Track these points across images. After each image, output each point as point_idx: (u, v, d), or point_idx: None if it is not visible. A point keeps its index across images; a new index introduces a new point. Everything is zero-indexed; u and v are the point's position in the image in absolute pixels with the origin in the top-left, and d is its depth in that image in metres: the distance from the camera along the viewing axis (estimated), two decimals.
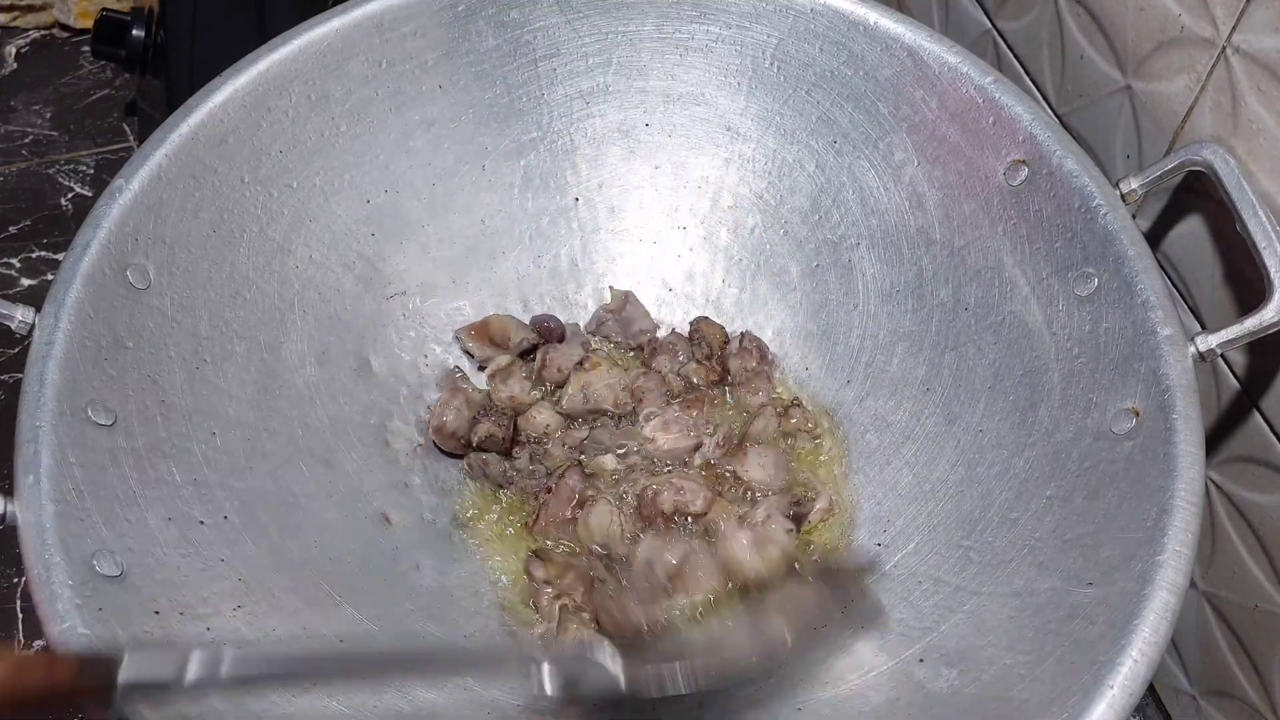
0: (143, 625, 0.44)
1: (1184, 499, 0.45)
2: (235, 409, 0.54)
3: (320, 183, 0.59)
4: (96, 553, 0.44)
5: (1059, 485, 0.51)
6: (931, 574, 0.54)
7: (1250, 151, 0.49)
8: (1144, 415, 0.48)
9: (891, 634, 0.52)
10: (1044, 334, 0.54)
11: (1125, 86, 0.56)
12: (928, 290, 0.60)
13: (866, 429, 0.61)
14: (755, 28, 0.62)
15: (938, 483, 0.57)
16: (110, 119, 0.93)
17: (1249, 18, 0.48)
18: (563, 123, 0.65)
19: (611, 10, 0.63)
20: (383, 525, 0.57)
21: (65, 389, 0.47)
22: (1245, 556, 0.54)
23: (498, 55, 0.63)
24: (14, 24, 0.98)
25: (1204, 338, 0.48)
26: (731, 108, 0.64)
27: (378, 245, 0.62)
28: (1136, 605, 0.43)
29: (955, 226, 0.59)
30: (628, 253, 0.68)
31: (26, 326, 0.49)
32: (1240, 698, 0.57)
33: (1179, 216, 0.55)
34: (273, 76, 0.57)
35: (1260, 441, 0.52)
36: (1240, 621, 0.56)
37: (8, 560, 0.68)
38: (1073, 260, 0.53)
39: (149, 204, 0.52)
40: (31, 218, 0.85)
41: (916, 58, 0.58)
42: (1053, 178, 0.54)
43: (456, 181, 0.64)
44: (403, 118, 0.61)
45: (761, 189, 0.65)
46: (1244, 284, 0.51)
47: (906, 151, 0.60)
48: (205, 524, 0.50)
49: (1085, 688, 0.42)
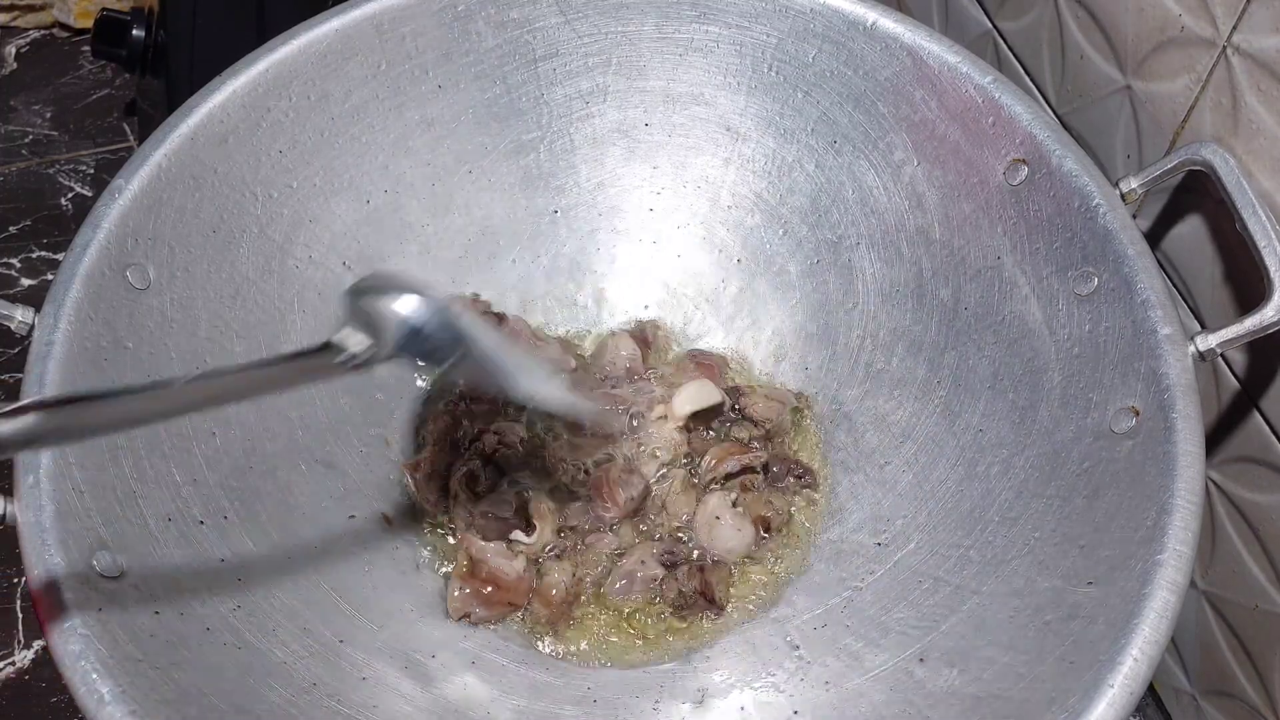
0: (143, 625, 0.44)
1: (1184, 499, 0.45)
2: (235, 409, 0.54)
3: (320, 183, 0.59)
4: (96, 553, 0.44)
5: (1059, 485, 0.51)
6: (931, 573, 0.54)
7: (1250, 151, 0.49)
8: (1144, 415, 0.48)
9: (891, 634, 0.52)
10: (1044, 334, 0.54)
11: (1125, 86, 0.56)
12: (928, 290, 0.60)
13: (866, 429, 0.61)
14: (755, 28, 0.62)
15: (937, 482, 0.57)
16: (110, 119, 0.93)
17: (1249, 18, 0.48)
18: (562, 123, 0.65)
19: (611, 10, 0.63)
20: (383, 525, 0.57)
21: (65, 389, 0.47)
22: (1245, 556, 0.54)
23: (497, 55, 0.63)
24: (14, 24, 0.98)
25: (1204, 337, 0.48)
26: (731, 108, 0.64)
27: (378, 245, 0.62)
28: (1136, 604, 0.43)
29: (955, 226, 0.59)
30: (628, 253, 0.68)
31: (26, 326, 0.48)
32: (1240, 698, 0.57)
33: (1179, 216, 0.55)
34: (273, 76, 0.57)
35: (1260, 441, 0.52)
36: (1240, 621, 0.56)
37: (8, 560, 0.68)
38: (1073, 260, 0.53)
39: (149, 204, 0.52)
40: (31, 218, 0.85)
41: (916, 58, 0.58)
42: (1052, 177, 0.54)
43: (456, 181, 0.64)
44: (402, 118, 0.61)
45: (761, 189, 0.65)
46: (1244, 284, 0.51)
47: (906, 151, 0.60)
48: (205, 524, 0.50)
49: (1085, 687, 0.42)
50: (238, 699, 0.45)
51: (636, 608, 0.57)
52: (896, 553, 0.56)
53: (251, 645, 0.47)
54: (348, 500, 0.57)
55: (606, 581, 0.57)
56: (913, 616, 0.52)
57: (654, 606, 0.57)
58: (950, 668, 0.49)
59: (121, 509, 0.47)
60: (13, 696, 0.63)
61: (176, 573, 0.47)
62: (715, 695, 0.53)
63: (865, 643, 0.53)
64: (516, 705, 0.52)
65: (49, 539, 0.44)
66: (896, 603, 0.54)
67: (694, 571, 0.56)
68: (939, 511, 0.56)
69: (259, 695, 0.46)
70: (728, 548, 0.58)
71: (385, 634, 0.52)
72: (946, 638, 0.50)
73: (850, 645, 0.53)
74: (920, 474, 0.58)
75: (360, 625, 0.52)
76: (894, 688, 0.50)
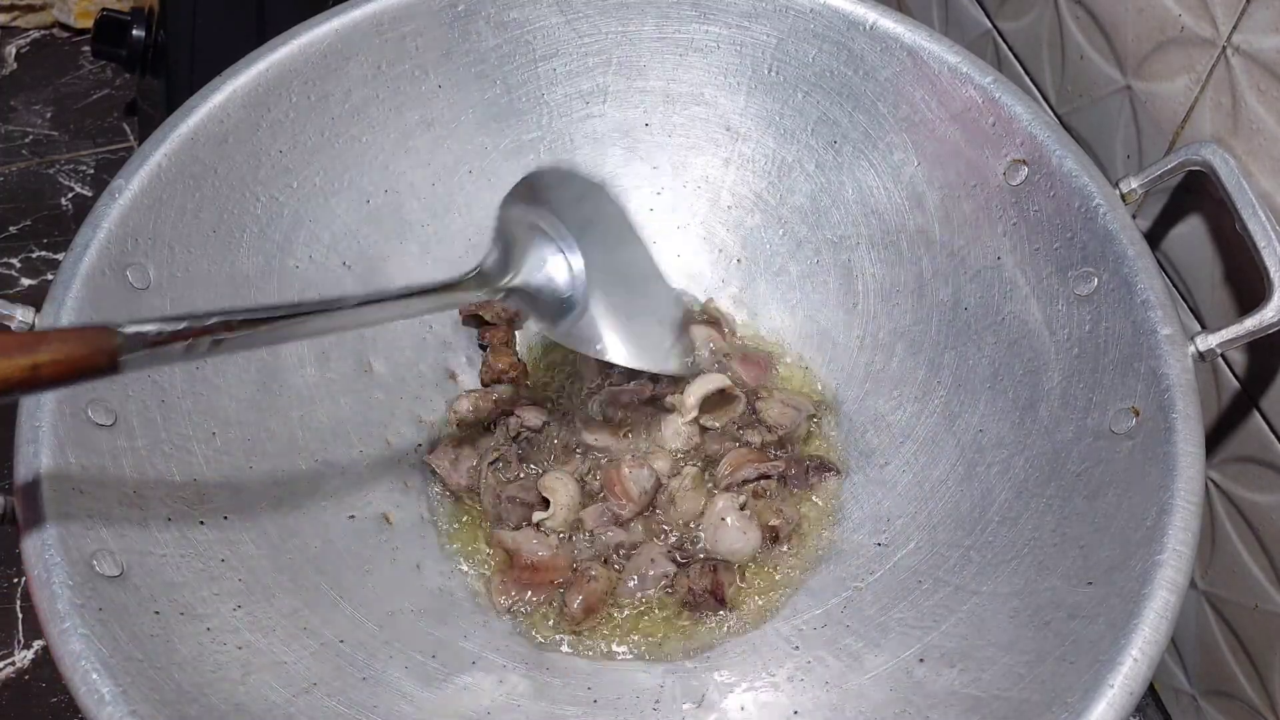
0: (143, 625, 0.44)
1: (1184, 499, 0.45)
2: (235, 409, 0.54)
3: (320, 183, 0.59)
4: (96, 553, 0.44)
5: (1059, 485, 0.51)
6: (931, 573, 0.54)
7: (1250, 151, 0.49)
8: (1144, 415, 0.48)
9: (891, 634, 0.52)
10: (1044, 334, 0.54)
11: (1125, 86, 0.56)
12: (928, 290, 0.60)
13: (866, 429, 0.61)
14: (755, 28, 0.62)
15: (937, 482, 0.57)
16: (110, 119, 0.93)
17: (1249, 18, 0.48)
18: (563, 123, 0.65)
19: (611, 10, 0.63)
20: (383, 525, 0.57)
21: (65, 389, 0.47)
22: (1245, 556, 0.54)
23: (498, 55, 0.63)
24: (14, 24, 0.98)
25: (1204, 337, 0.48)
26: (731, 108, 0.64)
27: (378, 245, 0.62)
28: (1136, 605, 0.43)
29: (955, 226, 0.59)
30: None
31: (26, 326, 0.48)
32: (1240, 698, 0.57)
33: (1179, 216, 0.55)
34: (273, 76, 0.57)
35: (1260, 441, 0.52)
36: (1240, 621, 0.56)
37: (8, 560, 0.68)
38: (1072, 260, 0.53)
39: (149, 204, 0.52)
40: (31, 218, 0.85)
41: (916, 58, 0.58)
42: (1052, 178, 0.54)
43: (456, 181, 0.64)
44: (402, 118, 0.61)
45: (761, 189, 0.65)
46: (1244, 284, 0.51)
47: (906, 151, 0.60)
48: (205, 524, 0.50)
49: (1085, 687, 0.42)
50: (238, 699, 0.45)
51: (646, 607, 0.57)
52: (896, 553, 0.56)
53: (251, 645, 0.47)
54: (348, 500, 0.57)
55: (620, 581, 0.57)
56: (913, 616, 0.52)
57: (662, 605, 0.57)
58: (950, 668, 0.49)
59: (121, 509, 0.47)
60: (13, 696, 0.63)
61: (176, 573, 0.47)
62: (715, 695, 0.53)
63: (865, 643, 0.52)
64: (517, 705, 0.52)
65: (49, 539, 0.44)
66: (896, 603, 0.54)
67: (706, 570, 0.56)
68: (939, 511, 0.56)
69: (259, 695, 0.46)
70: (731, 549, 0.57)
71: (385, 634, 0.52)
72: (946, 638, 0.50)
73: (850, 645, 0.53)
74: (920, 474, 0.58)
75: (360, 625, 0.52)
76: (894, 688, 0.50)
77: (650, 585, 0.57)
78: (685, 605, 0.56)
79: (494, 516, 0.59)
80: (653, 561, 0.57)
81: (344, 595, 0.53)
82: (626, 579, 0.57)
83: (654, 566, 0.57)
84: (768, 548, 0.58)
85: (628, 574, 0.57)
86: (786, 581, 0.57)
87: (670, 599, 0.57)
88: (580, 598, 0.55)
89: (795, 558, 0.58)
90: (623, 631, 0.56)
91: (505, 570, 0.57)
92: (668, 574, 0.57)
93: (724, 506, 0.58)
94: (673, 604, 0.57)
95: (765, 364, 0.64)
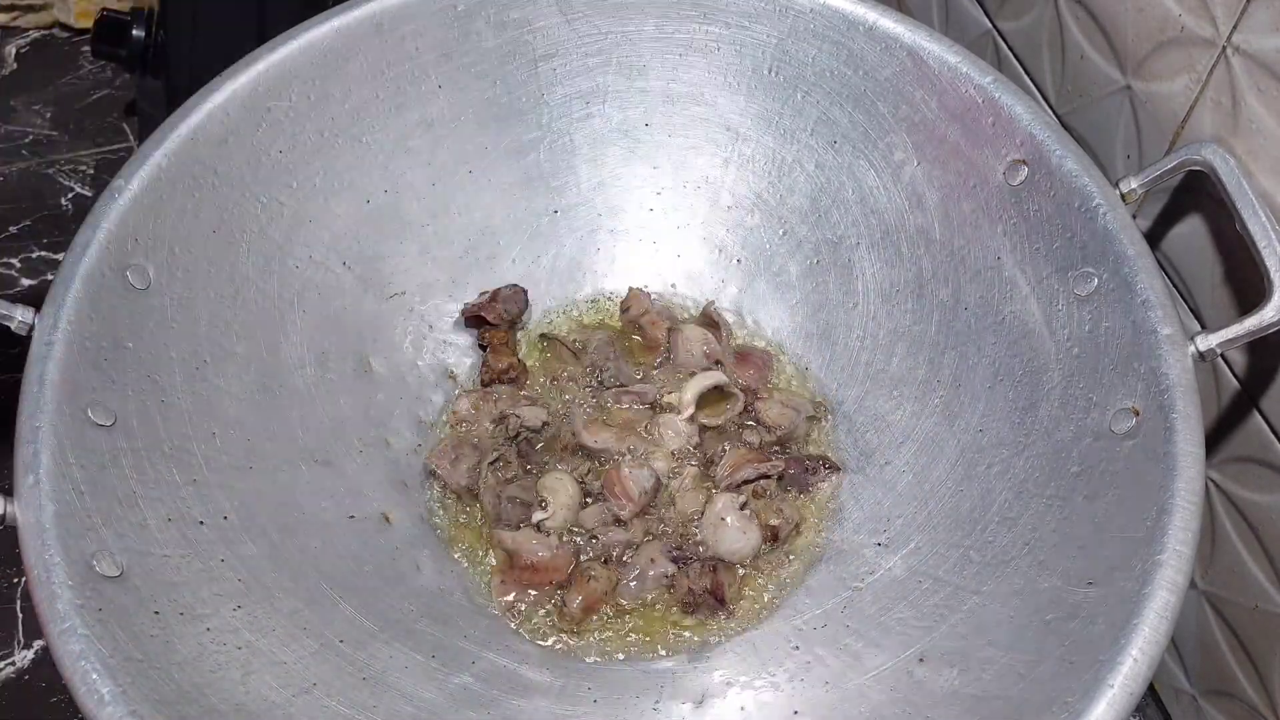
0: (143, 625, 0.44)
1: (1184, 499, 0.45)
2: (235, 409, 0.54)
3: (320, 183, 0.59)
4: (96, 553, 0.44)
5: (1059, 485, 0.51)
6: (931, 573, 0.54)
7: (1250, 151, 0.49)
8: (1144, 415, 0.48)
9: (891, 634, 0.52)
10: (1044, 334, 0.54)
11: (1125, 86, 0.56)
12: (928, 290, 0.60)
13: (866, 429, 0.61)
14: (755, 28, 0.62)
15: (937, 482, 0.57)
16: (110, 119, 0.92)
17: (1249, 18, 0.48)
18: (563, 123, 0.65)
19: (611, 10, 0.63)
20: (383, 525, 0.57)
21: (65, 389, 0.47)
22: (1245, 556, 0.54)
23: (498, 55, 0.63)
24: (14, 24, 0.98)
25: (1204, 337, 0.48)
26: (731, 107, 0.64)
27: (378, 245, 0.62)
28: (1136, 605, 0.43)
29: (955, 226, 0.59)
30: (628, 253, 0.68)
31: (26, 326, 0.48)
32: (1240, 698, 0.57)
33: (1179, 216, 0.55)
34: (273, 77, 0.57)
35: (1260, 441, 0.52)
36: (1240, 621, 0.56)
37: (8, 560, 0.68)
38: (1072, 260, 0.53)
39: (149, 204, 0.52)
40: (31, 218, 0.85)
41: (916, 58, 0.58)
42: (1052, 177, 0.54)
43: (456, 181, 0.64)
44: (402, 118, 0.61)
45: (761, 189, 0.65)
46: (1244, 284, 0.51)
47: (906, 151, 0.60)
48: (205, 524, 0.50)
49: (1085, 687, 0.42)
50: (238, 699, 0.45)
51: (646, 607, 0.57)
52: (896, 553, 0.56)
53: (251, 645, 0.47)
54: (348, 500, 0.57)
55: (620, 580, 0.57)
56: (913, 616, 0.52)
57: (662, 605, 0.57)
58: (950, 668, 0.49)
59: (121, 509, 0.47)
60: (13, 696, 0.63)
61: (176, 573, 0.47)
62: (715, 695, 0.53)
63: (865, 643, 0.52)
64: (516, 705, 0.52)
65: (49, 539, 0.44)
66: (896, 603, 0.54)
67: (706, 570, 0.56)
68: (939, 511, 0.56)
69: (259, 695, 0.46)
70: (731, 549, 0.58)
71: (385, 634, 0.52)
72: (946, 638, 0.50)
73: (850, 645, 0.53)
74: (920, 474, 0.58)
75: (360, 625, 0.52)
76: (894, 688, 0.50)
77: (650, 585, 0.57)
78: (685, 605, 0.56)
79: (494, 516, 0.59)
80: (653, 561, 0.57)
81: (344, 595, 0.53)
82: (626, 579, 0.57)
83: (654, 566, 0.57)
84: (768, 548, 0.58)
85: (628, 574, 0.57)
86: (786, 581, 0.57)
87: (670, 599, 0.57)
88: (580, 598, 0.56)
89: (795, 558, 0.58)
90: (622, 631, 0.56)
91: (505, 570, 0.57)
92: (667, 574, 0.57)
93: (724, 506, 0.58)
94: (673, 604, 0.57)
95: (764, 364, 0.64)
